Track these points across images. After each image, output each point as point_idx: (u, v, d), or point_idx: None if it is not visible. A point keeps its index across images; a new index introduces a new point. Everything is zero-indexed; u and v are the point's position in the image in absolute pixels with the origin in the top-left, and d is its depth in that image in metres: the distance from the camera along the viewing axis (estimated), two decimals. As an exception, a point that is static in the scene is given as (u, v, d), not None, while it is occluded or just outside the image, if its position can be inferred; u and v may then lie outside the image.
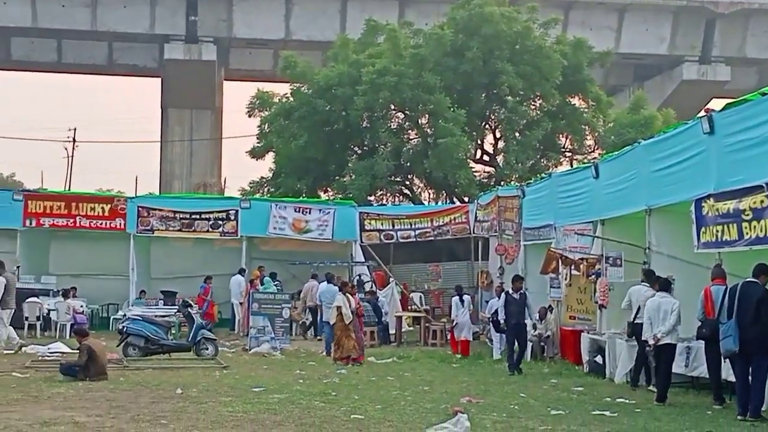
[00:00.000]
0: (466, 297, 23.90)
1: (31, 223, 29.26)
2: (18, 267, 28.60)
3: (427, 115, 35.42)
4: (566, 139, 37.73)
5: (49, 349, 21.10)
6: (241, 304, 27.79)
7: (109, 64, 58.36)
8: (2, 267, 21.76)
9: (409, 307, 28.11)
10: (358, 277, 28.68)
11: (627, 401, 14.43)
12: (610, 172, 19.18)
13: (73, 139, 66.45)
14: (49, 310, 26.44)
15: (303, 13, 53.24)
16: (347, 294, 20.82)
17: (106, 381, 15.87)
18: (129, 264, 29.12)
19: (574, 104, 37.31)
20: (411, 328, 27.76)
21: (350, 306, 20.53)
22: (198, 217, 29.81)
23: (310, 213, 30.04)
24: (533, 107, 36.78)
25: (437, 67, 34.74)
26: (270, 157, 38.92)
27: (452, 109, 33.61)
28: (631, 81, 58.23)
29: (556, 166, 36.13)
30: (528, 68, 34.67)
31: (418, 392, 15.45)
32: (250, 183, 39.31)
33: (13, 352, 20.78)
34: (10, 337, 21.38)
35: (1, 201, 29.64)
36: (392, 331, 26.41)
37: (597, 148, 36.72)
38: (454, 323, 23.51)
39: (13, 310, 22.16)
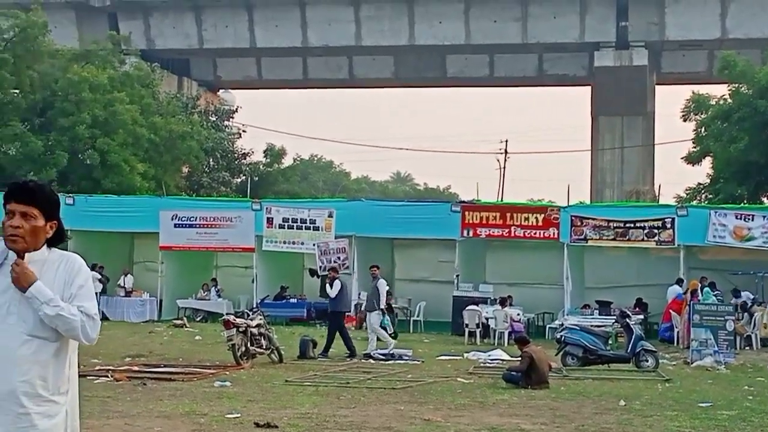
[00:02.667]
0: None
1: (468, 234, 30.17)
2: (457, 276, 29.72)
3: None
4: None
5: (489, 356, 21.57)
6: (680, 315, 26.73)
7: (539, 75, 59.35)
8: (378, 268, 22.90)
9: None
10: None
11: None
12: None
13: (505, 150, 68.19)
14: (487, 318, 27.08)
15: (741, 10, 50.71)
16: None
17: (547, 389, 15.83)
18: (563, 273, 29.12)
19: None
20: None
21: None
22: (632, 225, 29.08)
23: (752, 220, 28.25)
24: None
25: None
26: (707, 162, 37.43)
27: None
28: None
29: None
30: None
31: None
32: (686, 189, 38.14)
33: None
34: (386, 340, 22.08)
35: (441, 213, 30.88)
36: None
37: None
38: None
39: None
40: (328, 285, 22.27)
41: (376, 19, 55.32)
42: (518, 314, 27.49)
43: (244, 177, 53.39)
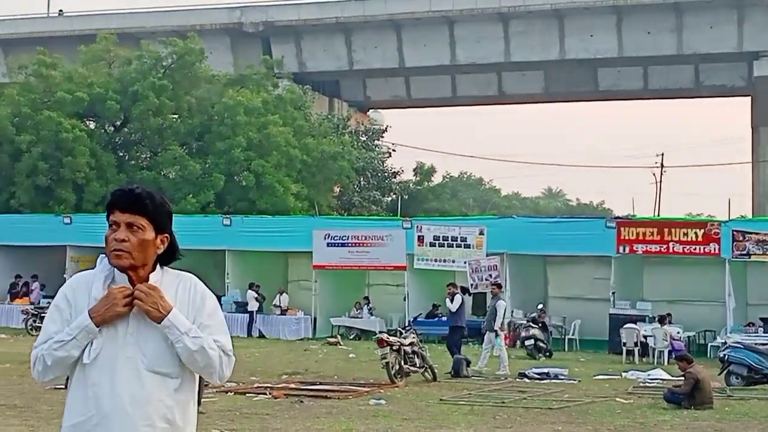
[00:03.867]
0: None
1: (624, 250, 29.42)
2: (613, 293, 29.02)
3: None
4: None
5: (648, 375, 20.97)
6: None
7: (695, 87, 57.82)
8: (500, 288, 23.00)
9: None
10: None
11: None
12: None
13: (661, 164, 66.54)
14: (645, 336, 26.33)
15: None
16: None
17: (711, 410, 15.22)
18: (725, 290, 28.07)
19: None
20: None
21: None
22: (798, 239, 27.82)
23: None
24: None
25: None
26: None
27: None
28: None
29: None
30: None
31: None
32: None
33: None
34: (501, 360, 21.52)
35: (595, 229, 30.20)
36: None
37: None
38: None
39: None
40: (448, 299, 22.14)
41: (526, 34, 54.93)
42: (678, 332, 26.67)
43: (394, 195, 53.76)
